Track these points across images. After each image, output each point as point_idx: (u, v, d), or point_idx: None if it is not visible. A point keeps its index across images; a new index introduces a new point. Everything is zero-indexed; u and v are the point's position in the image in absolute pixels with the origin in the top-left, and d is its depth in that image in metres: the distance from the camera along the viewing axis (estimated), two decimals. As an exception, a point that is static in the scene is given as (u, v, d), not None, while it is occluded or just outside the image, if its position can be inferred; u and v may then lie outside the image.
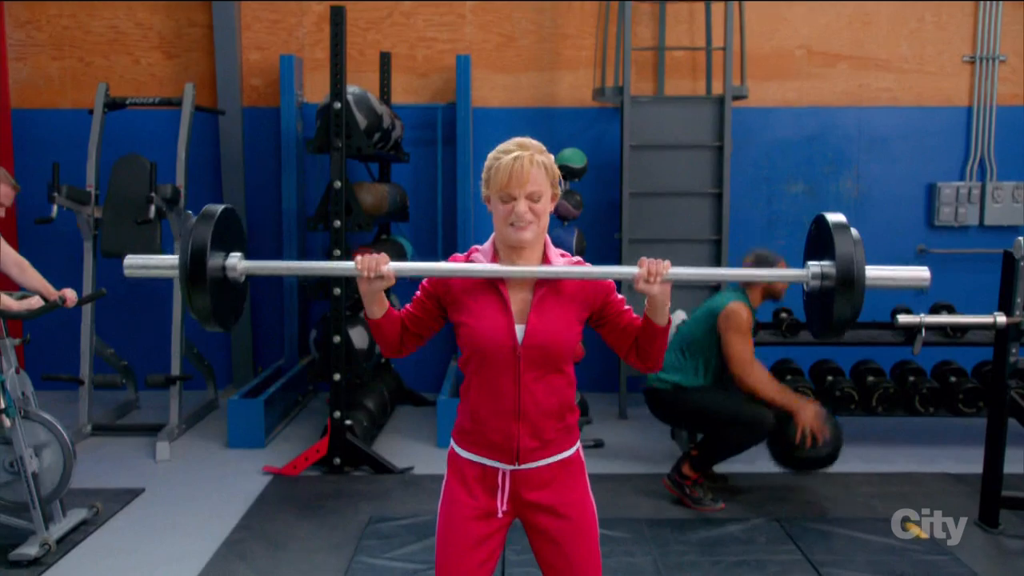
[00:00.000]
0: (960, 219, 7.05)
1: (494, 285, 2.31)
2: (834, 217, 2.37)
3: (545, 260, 2.36)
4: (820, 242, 2.40)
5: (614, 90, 6.50)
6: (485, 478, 2.35)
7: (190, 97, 6.13)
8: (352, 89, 5.39)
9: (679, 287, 2.52)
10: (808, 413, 4.51)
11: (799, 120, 7.05)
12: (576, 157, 5.95)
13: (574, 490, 2.38)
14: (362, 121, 5.39)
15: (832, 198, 7.08)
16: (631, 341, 2.38)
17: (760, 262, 4.57)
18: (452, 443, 2.44)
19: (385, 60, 6.79)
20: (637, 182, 6.32)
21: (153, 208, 5.61)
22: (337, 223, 5.07)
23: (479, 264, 2.33)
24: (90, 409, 5.95)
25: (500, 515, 2.35)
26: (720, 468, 5.00)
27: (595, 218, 6.76)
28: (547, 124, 7.05)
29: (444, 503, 2.41)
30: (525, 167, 2.24)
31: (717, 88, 6.74)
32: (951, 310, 5.83)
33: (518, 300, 2.31)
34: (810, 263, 2.39)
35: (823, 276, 2.34)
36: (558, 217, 6.04)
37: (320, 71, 6.98)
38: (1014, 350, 4.21)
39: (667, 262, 2.26)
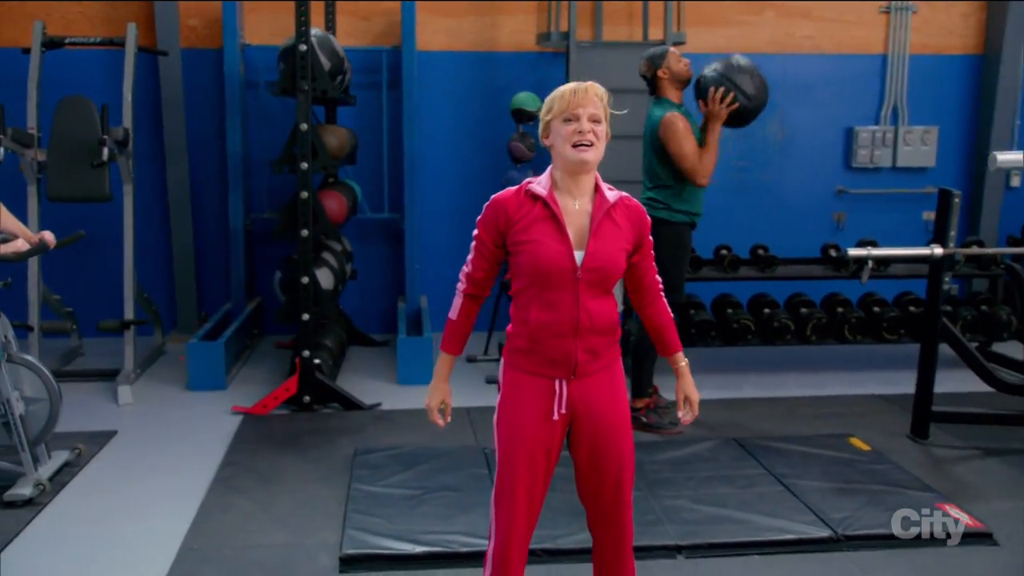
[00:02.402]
0: (875, 161, 7.53)
1: (552, 212, 2.51)
2: None
3: (598, 190, 2.56)
4: None
5: (560, 35, 6.66)
6: (543, 389, 2.57)
7: (133, 37, 6.01)
8: (315, 31, 5.41)
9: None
10: (713, 108, 4.82)
11: (729, 66, 7.35)
12: (531, 100, 6.12)
13: (617, 393, 2.65)
14: (326, 63, 5.42)
15: (759, 141, 7.46)
16: (642, 284, 2.71)
17: (651, 59, 4.89)
18: (504, 363, 2.65)
19: (329, 3, 6.77)
20: (582, 126, 6.52)
21: (106, 151, 5.53)
22: (304, 165, 5.13)
23: None
24: (40, 357, 5.88)
25: (556, 417, 2.57)
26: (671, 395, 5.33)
27: (541, 162, 6.94)
28: (489, 68, 7.18)
29: (504, 415, 2.65)
30: (589, 92, 2.49)
31: (653, 35, 6.98)
32: (875, 245, 6.27)
33: (575, 227, 2.51)
34: None
35: None
36: (513, 160, 6.22)
37: (259, 12, 6.91)
38: (947, 279, 4.63)
39: None
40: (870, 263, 4.70)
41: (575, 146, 2.48)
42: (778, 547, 3.61)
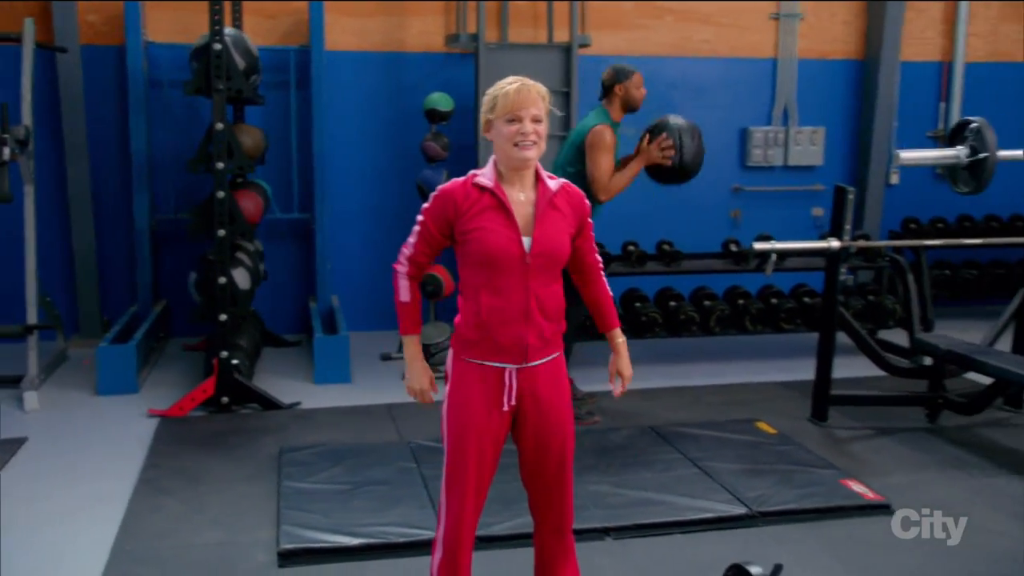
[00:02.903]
0: (768, 160, 7.90)
1: (500, 202, 2.62)
2: None
3: (539, 181, 2.68)
4: None
5: (469, 37, 6.77)
6: (493, 380, 2.68)
7: (31, 33, 5.84)
8: (228, 31, 5.37)
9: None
10: (651, 149, 4.98)
11: (630, 68, 7.59)
12: (444, 101, 6.21)
13: (561, 380, 2.78)
14: (240, 63, 5.40)
15: (660, 141, 7.71)
16: (584, 264, 2.85)
17: (617, 72, 5.02)
18: (453, 354, 2.74)
19: (235, 2, 6.71)
20: (491, 126, 6.65)
21: (7, 151, 5.37)
22: (220, 165, 5.10)
23: None
24: (-65, 363, 5.68)
25: (507, 408, 2.69)
26: (588, 389, 5.51)
27: (454, 161, 7.00)
28: (398, 68, 7.24)
29: (453, 406, 2.74)
30: (532, 93, 2.59)
31: (557, 36, 7.16)
32: (770, 239, 6.59)
33: (522, 216, 2.63)
34: None
35: None
36: (427, 159, 6.30)
37: (161, 10, 6.79)
38: (843, 270, 4.94)
39: None
40: (774, 256, 4.97)
41: (517, 145, 2.60)
42: (699, 525, 3.81)
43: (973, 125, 3.01)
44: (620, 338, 2.92)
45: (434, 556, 2.82)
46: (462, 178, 2.71)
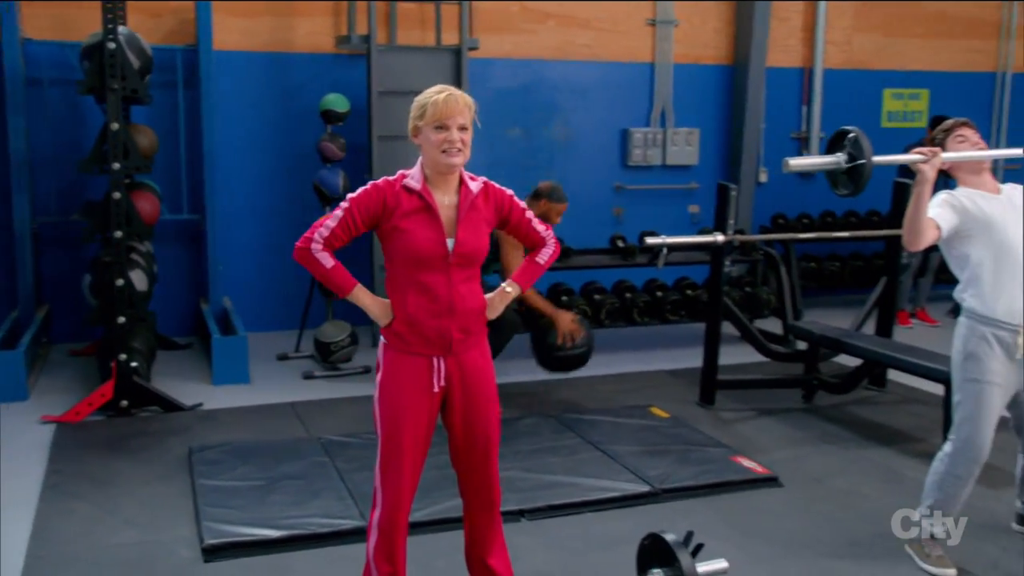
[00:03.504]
0: (648, 160, 8.26)
1: (427, 205, 2.76)
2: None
3: (462, 183, 2.83)
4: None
5: (360, 38, 6.84)
6: (421, 366, 2.82)
7: (-100, 29, 5.61)
8: (121, 29, 5.29)
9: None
10: (566, 318, 5.30)
11: (515, 71, 7.82)
12: (340, 102, 6.27)
13: (486, 364, 2.94)
14: (135, 62, 5.33)
15: (545, 142, 7.99)
16: (529, 240, 3.03)
17: (552, 191, 5.30)
18: (383, 345, 2.87)
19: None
20: (384, 126, 6.75)
21: None
22: (116, 165, 5.04)
23: None
24: None
25: (436, 390, 2.84)
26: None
27: (350, 161, 7.03)
28: (286, 68, 7.24)
29: (385, 393, 2.85)
30: (460, 103, 2.73)
31: (446, 39, 7.31)
32: (655, 235, 6.93)
33: (446, 218, 2.78)
34: None
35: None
36: (323, 159, 6.34)
37: (37, 6, 6.59)
38: (727, 262, 5.28)
39: None
40: (665, 250, 5.27)
41: (445, 152, 2.74)
42: (607, 503, 4.04)
43: (851, 135, 3.32)
44: (509, 288, 3.00)
45: (369, 539, 2.94)
46: (392, 177, 2.84)
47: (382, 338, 2.91)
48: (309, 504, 3.94)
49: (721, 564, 3.08)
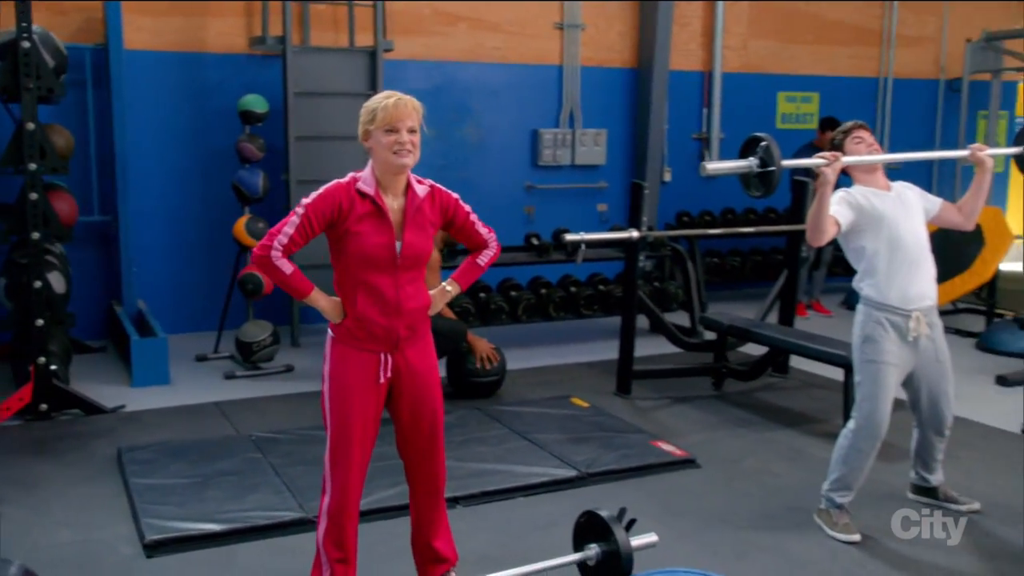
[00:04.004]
0: (557, 160, 8.50)
1: (379, 209, 2.88)
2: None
3: (409, 187, 2.96)
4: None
5: (275, 39, 6.86)
6: (369, 360, 2.95)
7: None
8: (35, 28, 5.20)
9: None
10: (482, 344, 5.48)
11: (428, 73, 7.94)
12: (259, 103, 6.30)
13: (430, 357, 3.09)
14: (50, 61, 5.25)
15: (458, 143, 8.13)
16: (472, 241, 3.17)
17: None
18: (332, 339, 2.99)
19: (24, -4, 6.43)
20: (301, 127, 6.79)
21: None
22: (33, 166, 4.97)
23: None
24: None
25: (383, 381, 2.96)
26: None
27: (269, 161, 7.01)
28: (197, 69, 7.20)
29: (335, 385, 2.97)
30: (408, 107, 2.87)
31: (360, 41, 7.39)
32: (566, 232, 7.15)
33: (395, 222, 2.91)
34: None
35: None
36: (242, 160, 6.35)
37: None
38: (642, 257, 5.53)
39: None
40: (583, 246, 5.48)
41: (396, 153, 2.87)
42: (537, 488, 4.22)
43: (763, 143, 3.58)
44: (450, 287, 3.15)
45: (320, 527, 3.05)
46: (344, 181, 2.94)
47: (330, 332, 3.02)
48: (247, 499, 4.00)
49: (651, 538, 3.29)
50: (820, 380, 6.03)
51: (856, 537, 3.74)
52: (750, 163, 3.61)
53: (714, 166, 3.64)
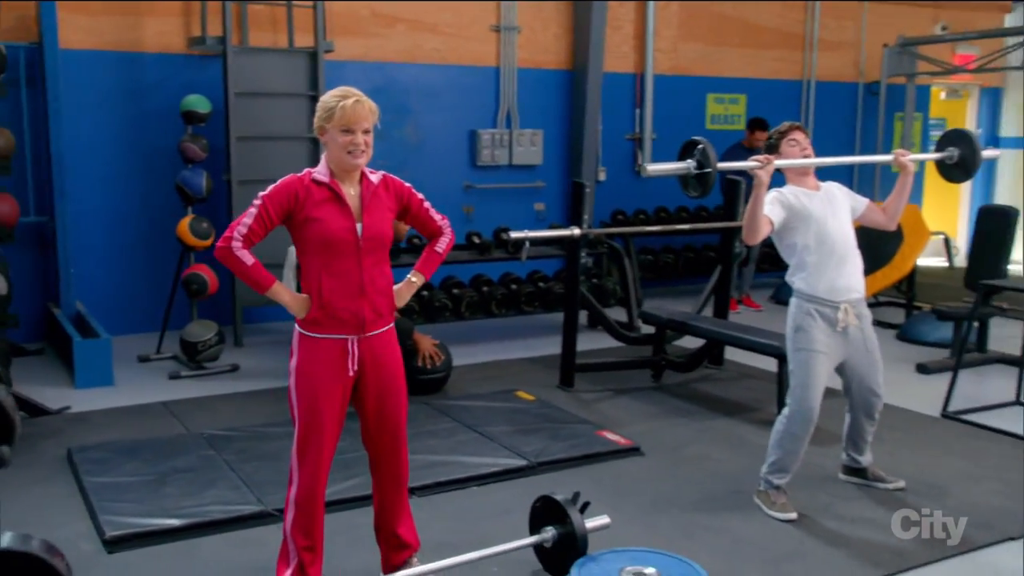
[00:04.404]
0: (495, 160, 8.64)
1: (336, 194, 2.99)
2: None
3: (363, 176, 3.07)
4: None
5: (216, 39, 6.86)
6: (337, 350, 3.04)
7: None
8: (-26, 27, 5.15)
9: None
10: (427, 342, 5.60)
11: (368, 73, 8.00)
12: (202, 103, 6.30)
13: (395, 348, 3.20)
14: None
15: (398, 143, 8.20)
16: (427, 229, 3.31)
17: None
18: (300, 331, 3.07)
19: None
20: (242, 127, 6.81)
21: None
22: (-26, 166, 4.92)
23: None
24: None
25: (351, 373, 3.06)
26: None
27: (212, 161, 7.00)
28: (136, 69, 7.16)
29: (302, 377, 3.05)
30: (365, 109, 2.98)
31: (299, 41, 7.43)
32: (507, 231, 7.29)
33: (353, 207, 3.02)
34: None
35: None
36: (185, 160, 6.34)
37: None
38: (583, 254, 5.70)
39: None
40: (528, 244, 5.63)
41: (351, 153, 2.98)
42: (490, 478, 4.36)
43: (700, 146, 3.77)
44: (415, 278, 3.30)
45: (287, 517, 3.14)
46: (299, 174, 3.05)
47: (296, 326, 3.11)
48: (204, 494, 4.05)
49: (604, 520, 3.46)
50: (754, 371, 6.28)
51: (793, 515, 3.95)
52: (688, 165, 3.79)
53: (654, 167, 3.80)
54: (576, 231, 5.62)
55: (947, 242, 10.76)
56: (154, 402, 5.53)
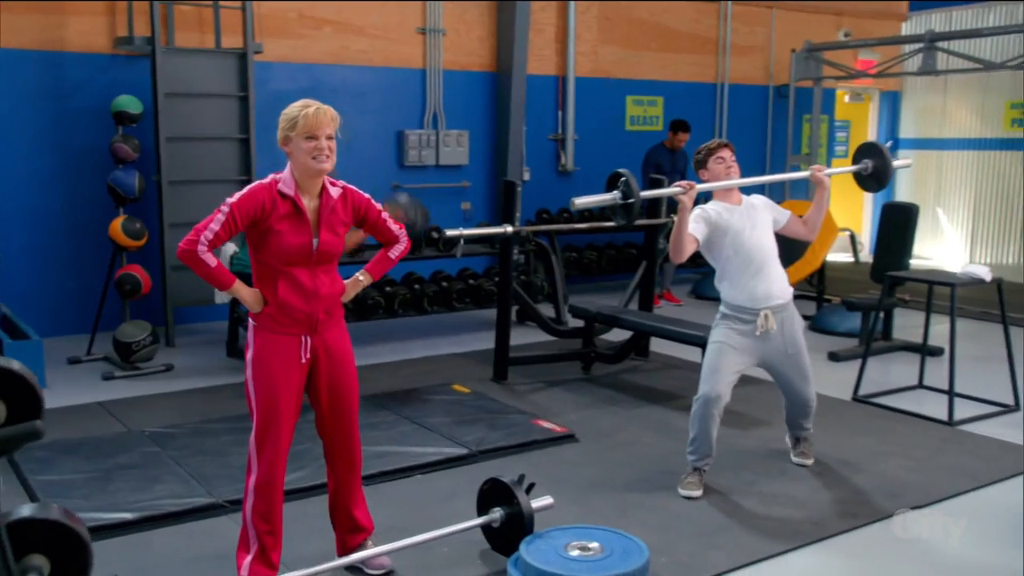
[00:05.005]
0: (422, 160, 8.79)
1: (298, 209, 3.12)
2: None
3: (324, 189, 3.22)
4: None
5: (144, 39, 6.84)
6: (291, 343, 3.19)
7: None
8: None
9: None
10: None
11: (296, 75, 8.07)
12: (133, 104, 6.30)
13: (346, 341, 3.38)
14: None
15: (325, 143, 8.26)
16: (384, 236, 3.45)
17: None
18: (254, 327, 3.21)
19: None
20: (171, 128, 6.81)
21: None
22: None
23: None
24: None
25: (304, 361, 3.21)
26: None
27: (143, 161, 6.96)
28: (57, 68, 7.09)
29: (259, 369, 3.18)
30: (327, 116, 3.12)
31: (227, 42, 7.45)
32: (439, 230, 7.45)
33: (312, 221, 3.15)
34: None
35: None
36: (116, 160, 6.33)
37: None
38: (516, 251, 5.90)
39: None
40: (462, 241, 5.80)
41: (315, 158, 3.12)
42: (433, 466, 4.52)
43: (623, 178, 3.96)
44: (362, 277, 3.47)
45: (246, 503, 3.25)
46: (266, 182, 3.16)
47: (251, 321, 3.23)
48: (153, 489, 4.12)
49: (548, 500, 3.67)
50: (677, 361, 6.58)
51: (696, 493, 4.20)
52: (614, 196, 3.98)
53: (582, 201, 3.94)
54: (509, 228, 5.82)
55: (853, 238, 11.29)
56: (90, 402, 5.53)
